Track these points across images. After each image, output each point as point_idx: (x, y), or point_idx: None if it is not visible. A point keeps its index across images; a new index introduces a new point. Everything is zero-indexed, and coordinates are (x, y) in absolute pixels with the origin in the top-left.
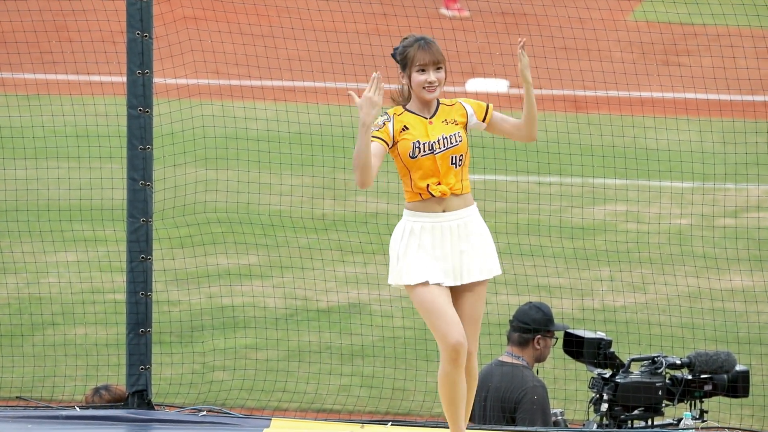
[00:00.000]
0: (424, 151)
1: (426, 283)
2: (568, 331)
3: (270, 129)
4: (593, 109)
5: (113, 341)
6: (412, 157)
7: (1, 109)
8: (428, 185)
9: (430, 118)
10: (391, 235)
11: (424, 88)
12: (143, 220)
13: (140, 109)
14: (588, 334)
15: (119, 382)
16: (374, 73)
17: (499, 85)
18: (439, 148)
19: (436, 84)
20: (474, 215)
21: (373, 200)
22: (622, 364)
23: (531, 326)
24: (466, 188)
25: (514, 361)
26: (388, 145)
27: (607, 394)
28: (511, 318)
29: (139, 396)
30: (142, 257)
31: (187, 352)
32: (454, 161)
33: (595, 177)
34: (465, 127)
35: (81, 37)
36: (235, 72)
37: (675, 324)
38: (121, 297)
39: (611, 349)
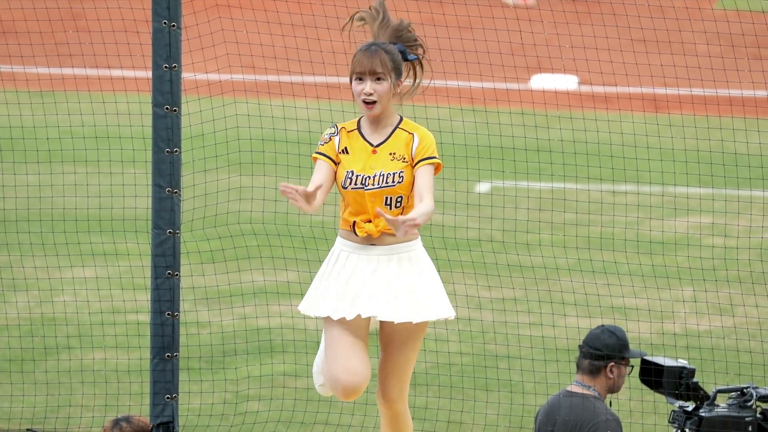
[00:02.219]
0: (356, 184)
1: (341, 319)
2: (646, 358)
3: (311, 130)
4: (675, 109)
5: (135, 367)
6: (343, 187)
7: (12, 107)
8: (354, 222)
9: (377, 146)
10: (446, 249)
11: (361, 99)
12: (170, 232)
13: (167, 108)
14: (668, 361)
15: (142, 412)
16: (281, 185)
17: (568, 82)
18: (372, 185)
19: (373, 97)
20: (414, 250)
21: None
22: (707, 396)
23: (603, 352)
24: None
25: (585, 392)
26: (335, 163)
27: (690, 429)
28: (581, 343)
29: (164, 428)
30: (169, 273)
31: (217, 379)
32: (389, 202)
33: (676, 185)
34: (414, 164)
35: (100, 27)
36: (273, 66)
37: (767, 351)
38: (145, 318)
39: (694, 379)
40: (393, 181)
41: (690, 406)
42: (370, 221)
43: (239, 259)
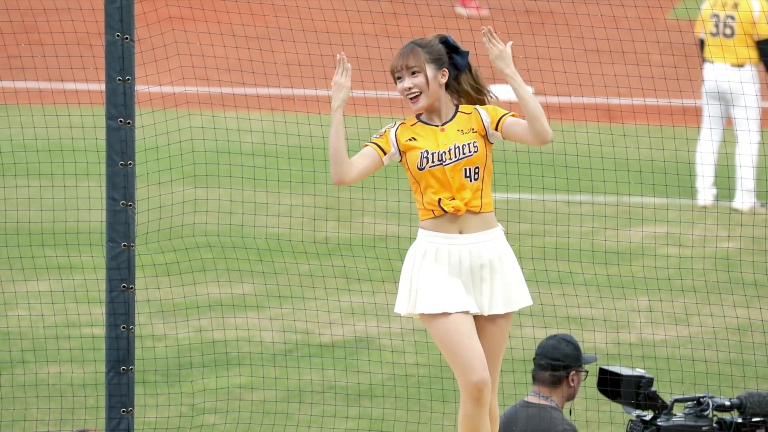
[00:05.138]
0: (433, 161)
1: (446, 313)
2: (604, 368)
3: (266, 142)
4: (628, 119)
5: (91, 381)
6: (420, 169)
7: None
8: (440, 200)
9: (443, 125)
10: (401, 260)
11: (406, 97)
12: (124, 245)
13: (120, 121)
14: (626, 371)
15: (98, 426)
16: (338, 55)
17: None
18: (449, 158)
19: (415, 91)
20: (497, 239)
21: (382, 222)
22: (665, 406)
23: (564, 362)
24: (487, 206)
25: (542, 402)
26: (384, 153)
27: None
28: (536, 355)
29: None
30: (124, 286)
31: (173, 392)
32: (468, 174)
33: (630, 195)
34: (486, 136)
35: (53, 39)
36: (227, 79)
37: (723, 360)
38: (100, 331)
39: (652, 389)
40: (469, 151)
41: (648, 415)
42: (453, 199)
43: (195, 271)
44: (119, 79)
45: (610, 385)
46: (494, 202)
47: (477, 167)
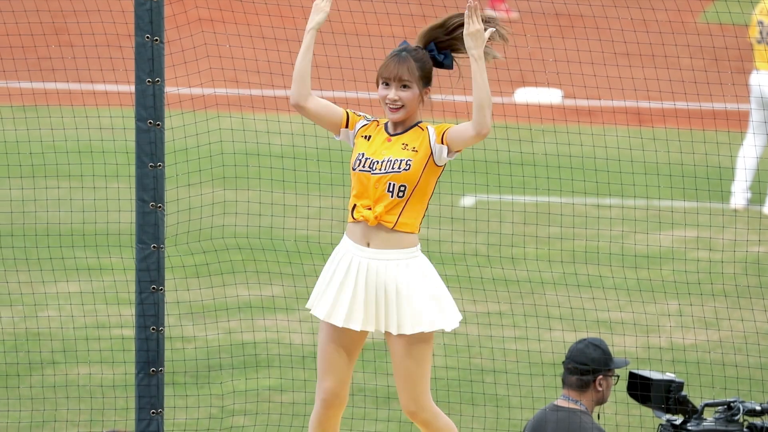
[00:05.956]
0: (363, 166)
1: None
2: (634, 372)
3: (295, 144)
4: (658, 123)
5: (121, 382)
6: (353, 169)
7: None
8: (355, 206)
9: (393, 135)
10: (430, 265)
11: (386, 104)
12: (154, 247)
13: (150, 122)
14: (656, 375)
15: (127, 427)
16: None
17: (552, 96)
18: (379, 169)
19: (399, 104)
20: (407, 260)
21: None
22: (695, 410)
23: (591, 366)
24: (404, 226)
25: (572, 406)
26: (346, 126)
27: None
28: (565, 359)
29: None
30: (153, 288)
31: (203, 394)
32: (391, 189)
33: (660, 199)
34: (432, 157)
35: (83, 41)
36: (256, 80)
37: (753, 365)
38: (130, 332)
39: (683, 393)
40: (399, 168)
41: (678, 419)
42: (370, 208)
43: (224, 273)
44: (149, 81)
45: (640, 389)
46: (419, 225)
47: (404, 185)
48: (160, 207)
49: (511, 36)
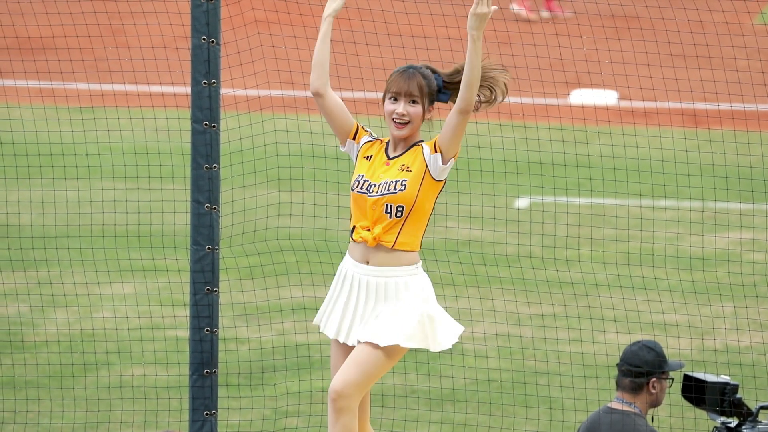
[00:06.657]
0: (362, 188)
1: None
2: (689, 374)
3: None
4: (715, 125)
5: (174, 383)
6: (351, 189)
7: (51, 123)
8: (354, 227)
9: (392, 158)
10: (485, 265)
11: (393, 120)
12: (209, 248)
13: (206, 124)
14: (711, 377)
15: (181, 428)
16: None
17: (607, 97)
18: (376, 192)
19: (406, 119)
20: (404, 278)
21: (465, 226)
22: (750, 413)
23: (644, 369)
24: (403, 245)
25: (626, 408)
26: (353, 138)
27: None
28: (619, 361)
29: None
30: (207, 289)
31: (257, 395)
32: (389, 210)
33: (716, 201)
34: (428, 172)
35: (140, 43)
36: None
37: None
38: (184, 334)
39: (738, 395)
40: (395, 189)
41: (733, 422)
42: (369, 230)
43: (278, 275)
44: (205, 83)
45: (695, 391)
46: (419, 243)
47: (401, 206)
48: (215, 208)
49: (510, 83)
